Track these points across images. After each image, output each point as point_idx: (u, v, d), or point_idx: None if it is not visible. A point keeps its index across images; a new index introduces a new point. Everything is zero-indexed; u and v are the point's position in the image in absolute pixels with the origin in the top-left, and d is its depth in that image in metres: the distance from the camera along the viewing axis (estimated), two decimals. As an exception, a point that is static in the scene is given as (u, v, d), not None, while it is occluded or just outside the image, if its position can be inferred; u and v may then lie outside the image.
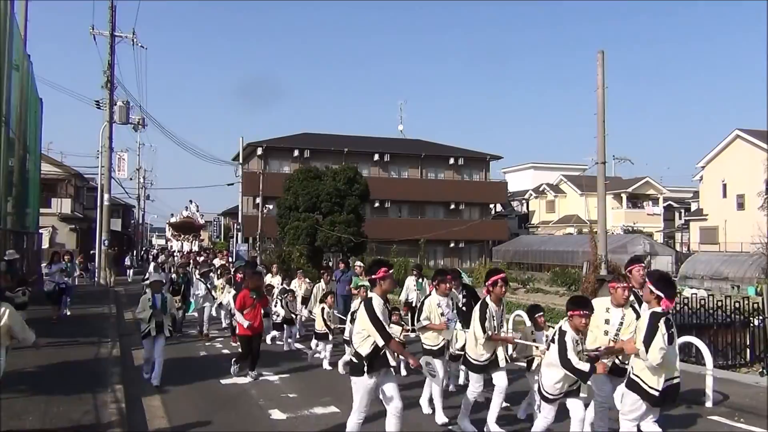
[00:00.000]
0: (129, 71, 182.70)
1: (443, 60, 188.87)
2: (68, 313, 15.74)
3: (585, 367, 5.45)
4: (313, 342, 11.27)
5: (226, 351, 12.35)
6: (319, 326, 10.94)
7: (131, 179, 51.14)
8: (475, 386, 6.96)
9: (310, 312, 12.82)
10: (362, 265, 14.61)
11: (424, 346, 7.55)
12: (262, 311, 10.08)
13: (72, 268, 16.70)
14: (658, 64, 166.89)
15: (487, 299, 6.88)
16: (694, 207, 51.43)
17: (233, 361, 9.86)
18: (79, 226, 38.19)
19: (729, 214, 42.07)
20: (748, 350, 11.65)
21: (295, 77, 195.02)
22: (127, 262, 35.02)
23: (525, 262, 43.52)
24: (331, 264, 33.89)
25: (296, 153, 47.49)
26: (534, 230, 58.33)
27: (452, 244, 49.86)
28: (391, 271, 5.96)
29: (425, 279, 13.05)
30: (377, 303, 5.79)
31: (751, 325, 11.59)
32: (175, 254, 39.12)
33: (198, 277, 15.12)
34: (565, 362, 5.48)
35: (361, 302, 6.46)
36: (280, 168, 47.54)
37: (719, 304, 11.80)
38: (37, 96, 22.36)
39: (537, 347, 7.16)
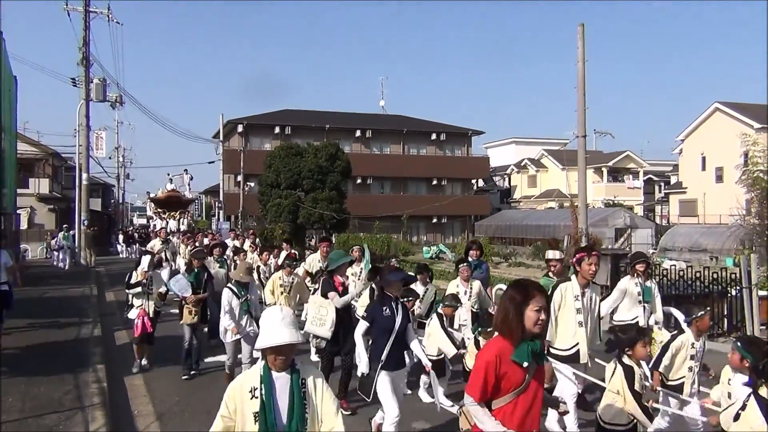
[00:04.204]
0: (106, 49, 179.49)
1: (424, 36, 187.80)
2: None
3: None
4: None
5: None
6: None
7: (110, 158, 50.77)
8: None
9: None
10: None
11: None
12: None
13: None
14: (638, 37, 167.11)
15: None
16: (673, 180, 51.91)
17: None
18: (57, 206, 37.73)
19: (708, 187, 42.52)
20: (725, 320, 11.80)
21: (275, 53, 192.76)
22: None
23: (507, 236, 43.75)
24: (313, 242, 33.86)
25: (277, 130, 47.14)
26: (516, 205, 58.62)
27: (435, 220, 50.03)
28: None
29: None
30: None
31: (729, 295, 11.72)
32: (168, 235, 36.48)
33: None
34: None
35: None
36: (261, 145, 47.16)
37: (698, 275, 11.92)
38: (11, 74, 21.86)
39: None
